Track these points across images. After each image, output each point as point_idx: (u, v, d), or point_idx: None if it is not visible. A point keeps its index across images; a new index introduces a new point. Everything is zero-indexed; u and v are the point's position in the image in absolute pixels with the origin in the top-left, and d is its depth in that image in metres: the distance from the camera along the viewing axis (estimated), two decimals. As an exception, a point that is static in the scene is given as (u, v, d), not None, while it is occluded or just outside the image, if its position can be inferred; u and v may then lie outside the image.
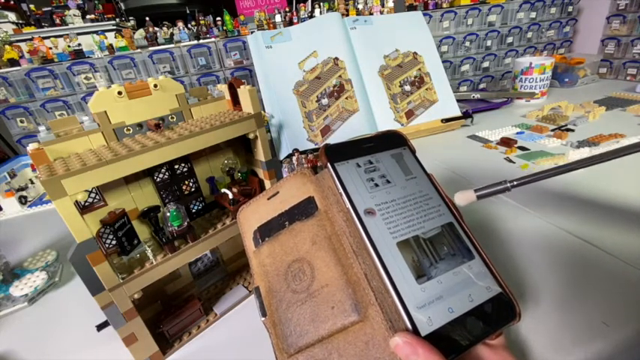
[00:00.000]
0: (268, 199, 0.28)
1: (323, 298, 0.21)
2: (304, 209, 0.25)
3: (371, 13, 1.05)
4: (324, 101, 0.83)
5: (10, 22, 1.02)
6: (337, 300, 0.20)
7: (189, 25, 1.02)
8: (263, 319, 0.24)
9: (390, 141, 0.27)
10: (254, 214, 0.28)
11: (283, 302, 0.22)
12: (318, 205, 0.24)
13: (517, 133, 0.80)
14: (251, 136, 0.38)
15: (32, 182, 0.82)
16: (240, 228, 0.29)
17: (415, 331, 0.18)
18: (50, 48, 0.91)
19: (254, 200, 0.29)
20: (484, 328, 0.19)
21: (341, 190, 0.23)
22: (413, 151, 0.27)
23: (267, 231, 0.26)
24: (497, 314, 0.20)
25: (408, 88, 0.89)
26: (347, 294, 0.20)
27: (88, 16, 1.00)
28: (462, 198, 0.26)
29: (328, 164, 0.24)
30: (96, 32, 0.97)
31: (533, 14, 1.25)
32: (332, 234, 0.23)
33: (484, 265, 0.22)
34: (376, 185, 0.23)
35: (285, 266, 0.24)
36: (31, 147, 0.27)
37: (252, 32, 0.92)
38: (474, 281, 0.21)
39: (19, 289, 0.45)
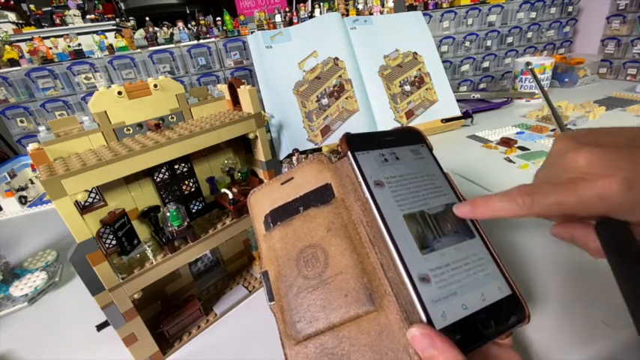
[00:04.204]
0: (282, 184, 0.27)
1: (336, 285, 0.21)
2: (320, 196, 0.25)
3: (371, 13, 1.04)
4: (324, 101, 0.83)
5: (10, 22, 1.02)
6: (351, 288, 0.20)
7: (189, 25, 1.02)
8: (270, 303, 0.23)
9: (409, 137, 0.27)
10: (266, 198, 0.28)
11: (293, 287, 0.22)
12: (335, 193, 0.24)
13: (517, 133, 0.80)
14: (251, 136, 0.38)
15: (32, 182, 0.82)
16: (250, 211, 0.28)
17: (430, 324, 0.18)
18: (50, 48, 0.91)
19: (266, 184, 0.29)
20: (496, 328, 0.19)
21: (360, 180, 0.22)
22: (430, 149, 0.27)
23: (279, 215, 0.26)
24: (508, 315, 0.20)
25: (408, 88, 0.89)
26: (362, 283, 0.20)
27: (88, 16, 1.00)
28: None
29: (349, 153, 0.23)
30: (96, 32, 0.97)
31: (533, 14, 1.25)
32: (348, 222, 0.23)
33: (495, 264, 0.22)
34: None
35: (298, 251, 0.23)
36: (31, 147, 0.27)
37: (252, 32, 0.92)
38: (485, 280, 0.21)
39: (19, 289, 0.45)
